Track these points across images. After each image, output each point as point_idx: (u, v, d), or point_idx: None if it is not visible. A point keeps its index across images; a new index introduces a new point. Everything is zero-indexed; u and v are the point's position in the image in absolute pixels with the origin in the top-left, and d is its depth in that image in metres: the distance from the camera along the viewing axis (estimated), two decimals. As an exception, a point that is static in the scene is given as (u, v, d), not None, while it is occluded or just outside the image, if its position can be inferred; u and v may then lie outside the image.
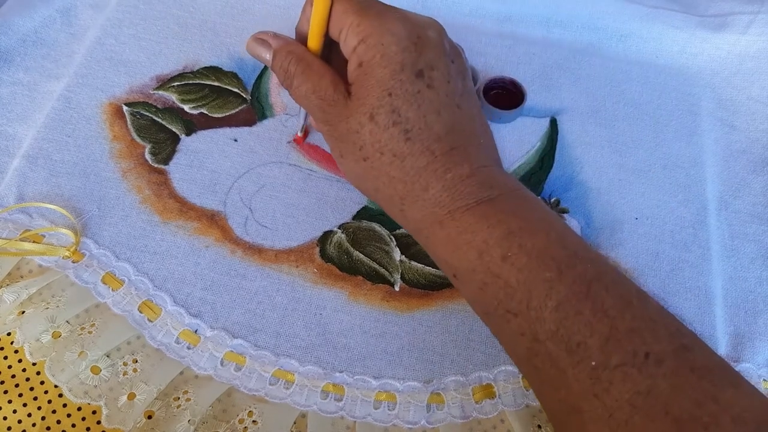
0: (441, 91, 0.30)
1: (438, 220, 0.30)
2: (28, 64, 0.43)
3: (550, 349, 0.27)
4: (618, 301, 0.27)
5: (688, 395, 0.24)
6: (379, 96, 0.29)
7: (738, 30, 0.45)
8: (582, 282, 0.27)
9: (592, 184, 0.40)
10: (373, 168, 0.31)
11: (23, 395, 0.32)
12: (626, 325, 0.26)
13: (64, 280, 0.35)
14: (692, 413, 0.24)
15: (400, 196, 0.31)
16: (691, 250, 0.38)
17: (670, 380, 0.25)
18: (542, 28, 0.47)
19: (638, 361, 0.25)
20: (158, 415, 0.32)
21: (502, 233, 0.28)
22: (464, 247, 0.29)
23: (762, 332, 0.36)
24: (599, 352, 0.25)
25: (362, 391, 0.33)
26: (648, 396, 0.24)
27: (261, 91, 0.43)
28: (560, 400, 0.27)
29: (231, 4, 0.46)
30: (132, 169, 0.39)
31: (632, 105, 0.44)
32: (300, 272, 0.36)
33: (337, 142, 0.32)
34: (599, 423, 0.25)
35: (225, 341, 0.34)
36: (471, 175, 0.30)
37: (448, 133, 0.30)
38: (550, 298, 0.27)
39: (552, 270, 0.27)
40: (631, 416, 0.24)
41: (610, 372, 0.25)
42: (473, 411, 0.33)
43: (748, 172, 0.42)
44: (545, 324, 0.27)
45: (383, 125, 0.30)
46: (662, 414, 0.24)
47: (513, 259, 0.28)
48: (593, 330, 0.26)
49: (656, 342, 0.26)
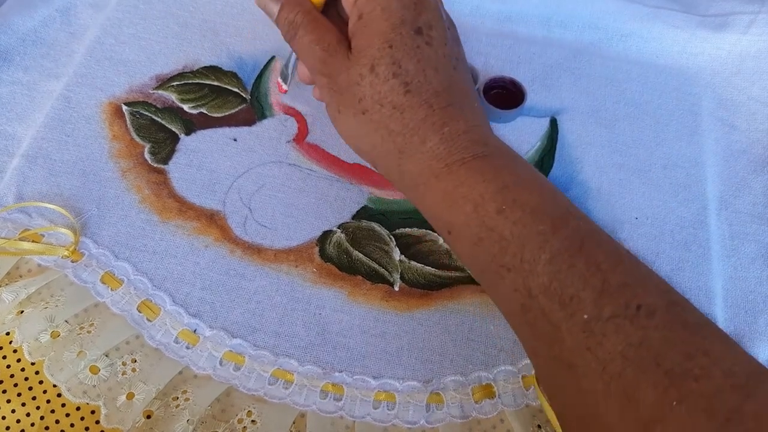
0: (439, 51, 0.31)
1: (435, 173, 0.30)
2: (27, 64, 0.43)
3: (543, 303, 0.27)
4: (610, 256, 0.27)
5: (679, 348, 0.25)
6: (380, 47, 0.30)
7: (739, 30, 0.45)
8: (575, 237, 0.27)
9: (592, 184, 0.40)
10: (372, 121, 0.31)
11: (22, 395, 0.32)
12: (618, 279, 0.26)
13: (63, 279, 0.35)
14: (683, 366, 0.24)
15: (399, 149, 0.31)
16: (691, 250, 0.38)
17: (662, 332, 0.25)
18: (543, 28, 0.47)
19: (630, 312, 0.25)
20: (157, 415, 0.32)
21: (497, 187, 0.29)
22: (460, 200, 0.29)
23: (762, 332, 0.36)
24: (592, 305, 0.26)
25: (361, 390, 0.33)
26: (640, 348, 0.25)
27: (260, 90, 0.43)
28: (554, 357, 0.27)
29: (231, 3, 0.46)
30: (131, 168, 0.39)
31: (632, 105, 0.44)
32: (299, 272, 0.36)
33: (335, 95, 0.32)
34: (593, 377, 0.25)
35: (224, 341, 0.34)
36: (467, 131, 0.30)
37: (445, 89, 0.31)
38: (544, 251, 0.27)
39: (546, 224, 0.28)
40: (623, 369, 0.25)
41: (603, 324, 0.25)
42: (473, 411, 0.33)
43: (748, 172, 0.42)
44: (538, 278, 0.27)
45: (383, 76, 0.30)
46: (654, 366, 0.24)
47: (507, 213, 0.28)
48: (586, 283, 0.26)
49: (648, 296, 0.26)
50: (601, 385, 0.25)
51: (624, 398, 0.24)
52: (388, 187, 0.39)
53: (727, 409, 0.23)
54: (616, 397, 0.24)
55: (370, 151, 0.33)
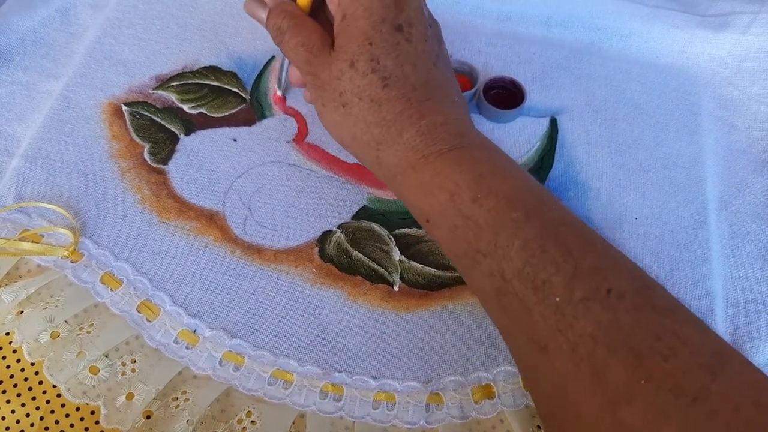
0: (419, 47, 0.32)
1: (411, 164, 0.31)
2: (27, 64, 0.43)
3: (516, 287, 0.27)
4: (582, 242, 0.28)
5: (648, 330, 0.25)
6: (360, 44, 0.31)
7: (739, 30, 0.45)
8: (548, 223, 0.28)
9: (592, 184, 0.40)
10: (351, 114, 0.32)
11: (21, 395, 0.32)
12: (590, 264, 0.27)
13: (63, 280, 0.35)
14: (652, 346, 0.25)
15: (377, 141, 0.32)
16: (691, 250, 0.38)
17: (632, 315, 0.25)
18: (542, 28, 0.47)
19: (601, 295, 0.26)
20: (157, 415, 0.32)
21: (473, 177, 0.30)
22: (436, 190, 0.30)
23: (762, 332, 0.36)
24: (563, 288, 0.26)
25: (361, 391, 0.33)
26: (609, 329, 0.25)
27: (260, 90, 0.43)
28: (527, 339, 0.28)
29: (231, 4, 0.46)
30: (131, 168, 0.39)
31: (632, 105, 0.44)
32: (299, 272, 0.36)
33: (319, 91, 0.33)
34: (563, 358, 0.26)
35: (224, 341, 0.34)
36: (444, 123, 0.31)
37: (423, 84, 0.32)
38: (517, 237, 0.28)
39: (519, 211, 0.28)
40: (593, 349, 0.25)
41: (574, 306, 0.26)
42: (472, 411, 0.33)
43: (748, 172, 0.42)
44: (512, 262, 0.27)
45: (362, 72, 0.31)
46: (623, 347, 0.25)
47: (482, 201, 0.29)
48: (558, 268, 0.27)
49: (619, 280, 0.27)
50: (571, 366, 0.26)
51: (593, 378, 0.25)
52: (388, 188, 0.39)
53: (695, 389, 0.23)
54: (586, 377, 0.25)
55: (351, 143, 0.34)
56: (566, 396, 0.26)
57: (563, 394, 0.26)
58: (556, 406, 0.27)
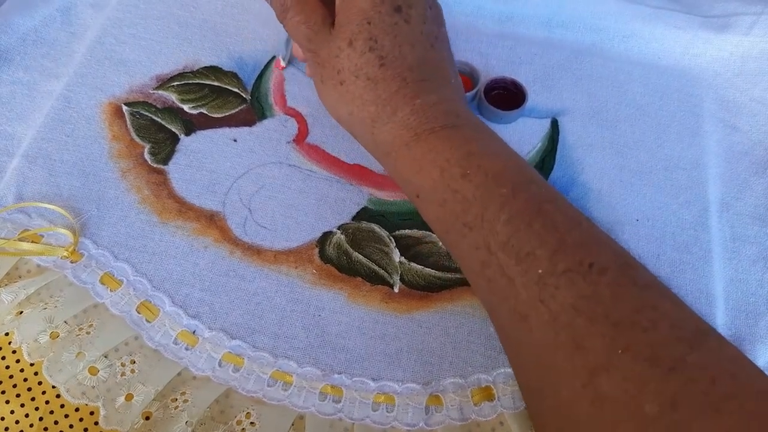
0: (417, 29, 0.33)
1: (405, 142, 0.32)
2: (27, 63, 0.43)
3: (501, 259, 0.28)
4: (568, 220, 0.28)
5: (628, 303, 0.26)
6: (359, 23, 0.32)
7: (741, 31, 0.45)
8: (534, 200, 0.29)
9: (593, 186, 0.40)
10: (348, 92, 0.33)
11: (21, 396, 0.32)
12: (574, 239, 0.28)
13: (63, 280, 0.35)
14: (631, 318, 0.25)
15: (372, 118, 0.33)
16: (692, 252, 0.38)
17: (612, 289, 0.26)
18: (544, 29, 0.47)
19: (583, 269, 0.26)
20: (156, 416, 0.32)
21: (463, 154, 0.30)
22: (428, 166, 0.31)
23: (763, 335, 0.36)
24: (547, 261, 0.27)
25: (361, 392, 0.33)
26: (590, 300, 0.26)
27: (261, 91, 0.43)
28: (509, 310, 0.28)
29: (231, 3, 0.46)
30: (131, 169, 0.39)
31: (634, 106, 0.44)
32: (299, 273, 0.36)
33: (318, 68, 0.34)
34: (544, 328, 0.26)
35: (223, 342, 0.34)
36: (438, 103, 0.32)
37: (419, 65, 0.33)
38: (503, 211, 0.28)
39: (507, 187, 0.29)
40: (573, 319, 0.26)
41: (556, 278, 0.26)
42: (472, 413, 0.33)
43: (750, 173, 0.41)
44: (497, 236, 0.28)
45: (360, 50, 0.32)
46: (603, 317, 0.25)
47: (471, 177, 0.30)
48: (542, 241, 0.27)
49: (602, 256, 0.27)
50: (552, 335, 0.26)
51: (573, 347, 0.25)
52: (389, 189, 0.39)
53: (672, 359, 0.24)
54: (566, 346, 0.26)
55: (348, 119, 0.34)
56: (545, 365, 0.27)
57: (542, 363, 0.27)
58: (535, 375, 0.28)
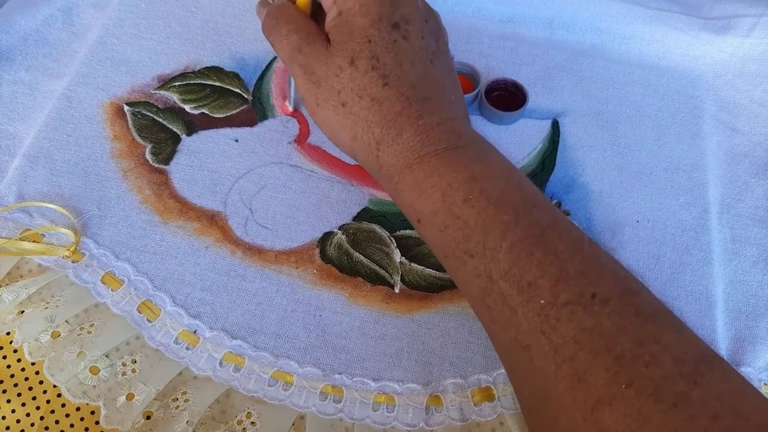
0: (415, 44, 0.32)
1: (408, 164, 0.31)
2: (29, 63, 0.43)
3: (502, 288, 0.28)
4: (569, 246, 0.28)
5: (630, 335, 0.25)
6: (360, 42, 0.31)
7: (741, 33, 0.45)
8: (536, 227, 0.28)
9: (593, 187, 0.40)
10: (352, 113, 0.32)
11: (22, 395, 0.32)
12: (576, 268, 0.27)
13: (64, 279, 0.35)
14: (634, 352, 0.25)
15: (377, 141, 0.32)
16: (692, 254, 0.38)
17: (614, 320, 0.26)
18: (545, 30, 0.47)
19: (585, 300, 0.26)
20: (157, 416, 0.32)
21: (466, 177, 0.30)
22: (429, 190, 0.30)
23: (763, 336, 0.36)
24: (549, 291, 0.27)
25: (361, 392, 0.33)
26: (592, 333, 0.26)
27: (262, 91, 0.43)
28: (510, 338, 0.28)
29: (233, 4, 0.46)
30: (132, 168, 0.39)
31: (634, 107, 0.44)
32: (300, 273, 0.36)
33: (313, 88, 0.33)
34: (545, 359, 0.26)
35: (224, 342, 0.34)
36: (441, 123, 0.31)
37: (421, 82, 0.32)
38: (505, 239, 0.28)
39: (509, 214, 0.29)
40: (575, 352, 0.25)
41: (558, 310, 0.26)
42: (472, 414, 0.33)
43: (750, 175, 0.42)
44: (499, 264, 0.28)
45: (363, 69, 0.31)
46: (605, 351, 0.25)
47: (473, 202, 0.29)
48: (544, 271, 0.27)
49: (603, 284, 0.27)
50: (553, 366, 0.26)
51: (574, 379, 0.25)
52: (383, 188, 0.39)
53: (674, 394, 0.24)
54: (567, 378, 0.26)
55: (350, 143, 0.33)
56: (547, 395, 0.27)
57: (544, 394, 0.27)
58: (537, 404, 0.28)
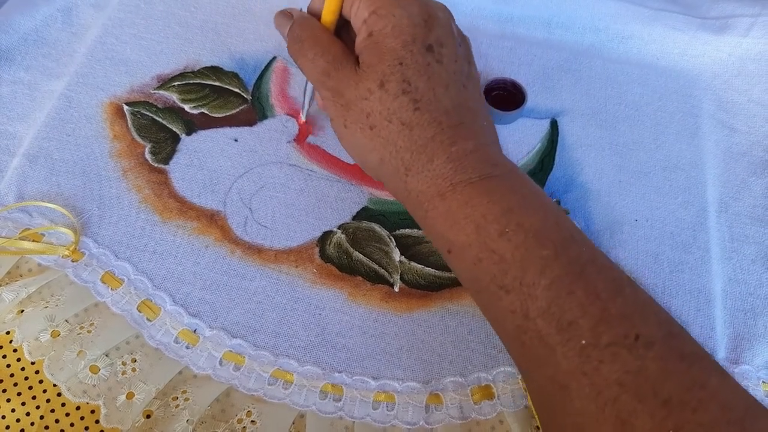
0: (449, 69, 0.31)
1: (440, 192, 0.30)
2: (29, 63, 0.43)
3: (540, 326, 0.27)
4: (610, 284, 0.27)
5: (677, 379, 0.25)
6: (391, 64, 0.30)
7: (739, 32, 0.45)
8: (576, 263, 0.27)
9: (592, 186, 0.40)
10: (380, 137, 0.31)
11: (22, 394, 0.32)
12: (618, 309, 0.26)
13: (64, 279, 0.35)
14: (681, 397, 0.24)
15: (406, 166, 0.31)
16: (690, 252, 0.38)
17: (659, 363, 0.25)
18: (543, 30, 0.47)
19: (628, 342, 0.25)
20: (157, 415, 0.32)
21: (502, 210, 0.29)
22: (463, 221, 0.29)
23: (761, 334, 0.36)
24: (590, 332, 0.26)
25: (361, 391, 0.33)
26: (637, 376, 0.25)
27: (262, 91, 0.43)
28: (547, 377, 0.27)
29: (232, 4, 0.46)
30: (132, 168, 0.39)
31: (633, 107, 0.44)
32: (299, 272, 0.36)
33: (341, 110, 0.32)
34: (586, 400, 0.25)
35: (224, 341, 0.34)
36: (475, 151, 0.30)
37: (455, 107, 0.31)
38: (544, 276, 0.27)
39: (548, 249, 0.27)
40: (619, 395, 0.25)
41: (600, 351, 0.25)
42: (472, 412, 0.33)
43: (748, 174, 0.42)
44: (537, 301, 0.27)
45: (393, 93, 0.30)
46: (651, 395, 0.24)
47: (510, 236, 0.28)
48: (585, 311, 0.26)
49: (646, 326, 0.26)
50: (594, 408, 0.25)
51: (618, 423, 0.25)
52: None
53: None
54: (610, 421, 0.25)
55: (377, 167, 0.32)
56: None
57: None
58: None
